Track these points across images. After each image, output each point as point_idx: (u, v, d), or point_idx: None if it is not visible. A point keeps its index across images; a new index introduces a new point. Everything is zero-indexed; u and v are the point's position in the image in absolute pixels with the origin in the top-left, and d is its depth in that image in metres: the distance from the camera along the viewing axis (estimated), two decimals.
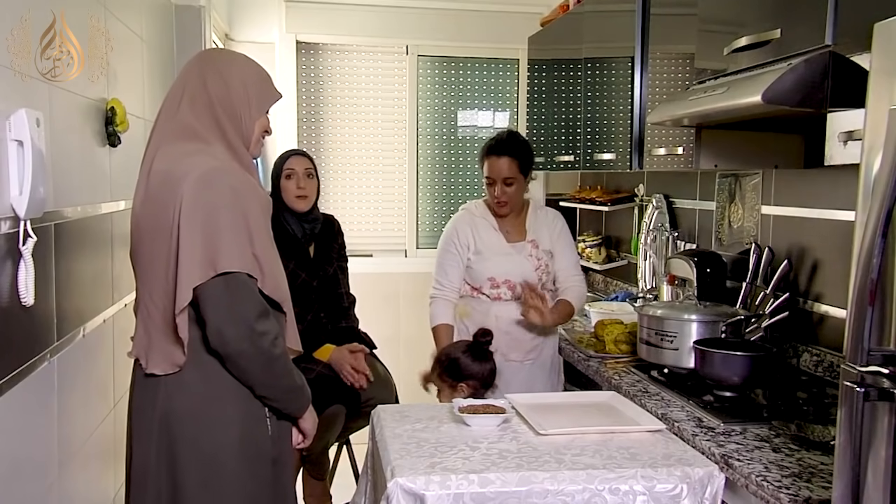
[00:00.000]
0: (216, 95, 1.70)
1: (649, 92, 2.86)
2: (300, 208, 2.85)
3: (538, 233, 2.79)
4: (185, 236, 1.56)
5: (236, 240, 1.59)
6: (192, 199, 1.57)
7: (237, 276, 1.58)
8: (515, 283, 2.72)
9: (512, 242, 2.77)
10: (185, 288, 1.56)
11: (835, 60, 1.68)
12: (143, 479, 1.67)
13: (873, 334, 1.17)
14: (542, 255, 2.77)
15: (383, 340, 3.32)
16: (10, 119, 1.59)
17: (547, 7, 4.34)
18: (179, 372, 1.64)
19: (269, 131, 1.83)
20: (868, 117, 1.20)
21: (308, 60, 4.54)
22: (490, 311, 2.73)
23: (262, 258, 1.64)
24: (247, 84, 1.75)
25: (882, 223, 1.14)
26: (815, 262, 2.34)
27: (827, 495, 1.44)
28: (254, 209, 1.65)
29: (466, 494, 1.55)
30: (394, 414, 1.99)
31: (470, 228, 2.78)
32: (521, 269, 2.73)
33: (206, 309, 1.57)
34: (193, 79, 1.72)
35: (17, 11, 1.67)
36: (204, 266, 1.55)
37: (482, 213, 2.81)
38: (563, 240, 2.82)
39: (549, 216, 2.85)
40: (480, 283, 2.75)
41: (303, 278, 2.85)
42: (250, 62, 1.83)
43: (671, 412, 2.01)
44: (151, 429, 1.66)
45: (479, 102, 4.75)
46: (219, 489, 1.65)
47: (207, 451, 1.64)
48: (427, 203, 4.73)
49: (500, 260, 2.74)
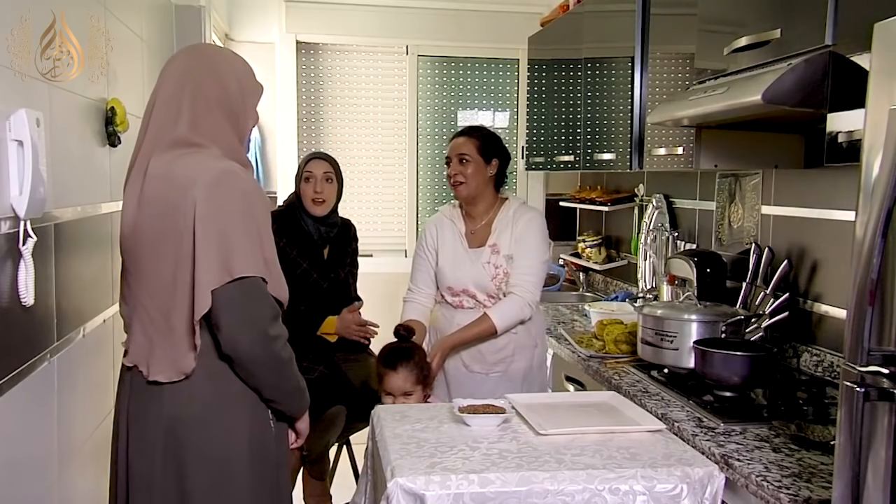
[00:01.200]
0: (214, 96, 1.67)
1: (649, 92, 2.86)
2: (317, 213, 2.86)
3: (501, 236, 2.59)
4: (202, 241, 1.54)
5: (250, 244, 1.58)
6: (207, 202, 1.55)
7: (253, 280, 1.57)
8: (474, 291, 2.57)
9: (473, 248, 2.62)
10: (204, 292, 1.53)
11: (835, 60, 1.68)
12: (148, 489, 1.64)
13: (873, 334, 1.17)
14: (502, 262, 2.56)
15: (383, 340, 3.31)
16: (10, 119, 1.59)
17: (547, 7, 4.34)
18: (186, 378, 1.61)
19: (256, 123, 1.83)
20: (868, 117, 1.20)
21: (308, 60, 4.54)
22: (454, 319, 2.60)
23: (269, 260, 1.64)
24: (240, 80, 1.72)
25: (882, 223, 1.14)
26: (815, 262, 2.34)
27: (827, 495, 1.44)
28: (262, 212, 1.64)
29: (466, 494, 1.55)
30: (394, 414, 1.99)
31: (437, 230, 2.68)
32: (478, 278, 2.57)
33: (220, 314, 1.55)
34: (186, 78, 1.68)
35: (17, 11, 1.67)
36: (220, 271, 1.54)
37: (451, 215, 2.70)
38: (524, 241, 2.56)
39: (520, 216, 2.61)
40: (443, 290, 2.65)
41: (314, 278, 2.86)
42: (237, 57, 1.82)
43: (671, 412, 2.01)
44: (156, 437, 1.63)
45: (479, 102, 4.75)
46: (229, 495, 1.64)
47: (217, 458, 1.62)
48: (427, 203, 4.73)
49: (457, 268, 2.60)
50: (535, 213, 2.69)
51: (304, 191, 2.86)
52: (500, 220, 2.62)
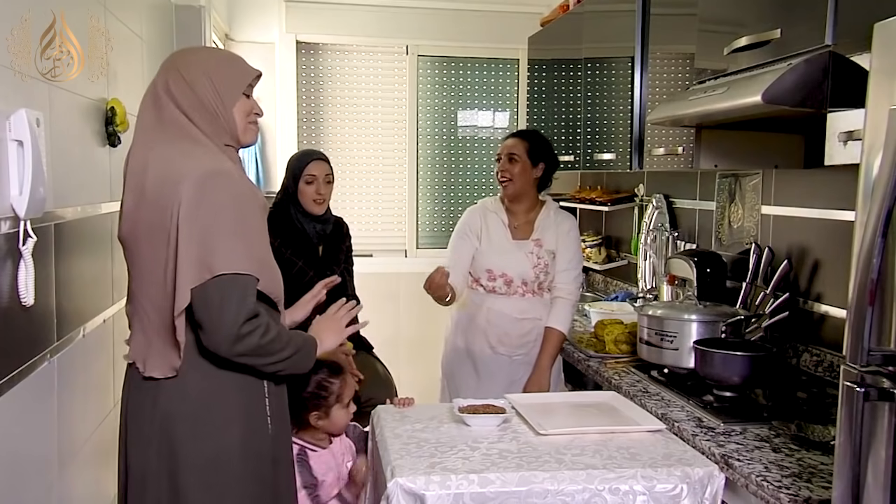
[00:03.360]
0: (183, 98, 1.65)
1: (649, 92, 2.86)
2: (317, 212, 2.89)
3: (545, 233, 2.79)
4: (184, 238, 1.55)
5: (234, 241, 1.57)
6: (191, 201, 1.55)
7: (234, 278, 1.56)
8: (512, 277, 2.73)
9: (517, 239, 2.78)
10: (183, 290, 1.54)
11: (835, 60, 1.68)
12: (143, 485, 1.65)
13: (873, 334, 1.17)
14: (544, 255, 2.76)
15: (383, 340, 3.32)
16: (10, 119, 1.59)
17: (547, 7, 4.34)
18: (179, 374, 1.62)
19: (258, 112, 1.75)
20: (868, 117, 1.20)
21: (308, 60, 4.54)
22: (483, 303, 2.76)
23: (261, 258, 1.64)
24: (210, 74, 1.67)
25: (882, 223, 1.14)
26: (815, 262, 2.34)
27: (827, 495, 1.44)
28: (252, 210, 1.64)
29: (466, 494, 1.55)
30: (394, 414, 1.99)
31: (481, 219, 2.83)
32: (520, 266, 2.74)
33: (198, 312, 1.56)
34: (159, 86, 1.67)
35: (17, 11, 1.67)
36: (200, 268, 1.54)
37: (495, 208, 2.85)
38: (567, 242, 2.80)
39: (560, 219, 2.84)
40: (479, 273, 2.77)
41: (310, 276, 2.86)
42: (212, 51, 1.80)
43: (671, 412, 2.01)
44: (151, 432, 1.64)
45: (479, 102, 4.75)
46: (221, 491, 1.64)
47: (209, 454, 1.63)
48: (427, 203, 4.73)
49: (500, 253, 2.76)
50: (573, 220, 2.90)
51: (305, 191, 2.87)
52: (542, 220, 2.81)
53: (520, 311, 2.73)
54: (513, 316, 2.73)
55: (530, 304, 2.74)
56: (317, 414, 2.07)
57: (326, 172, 2.90)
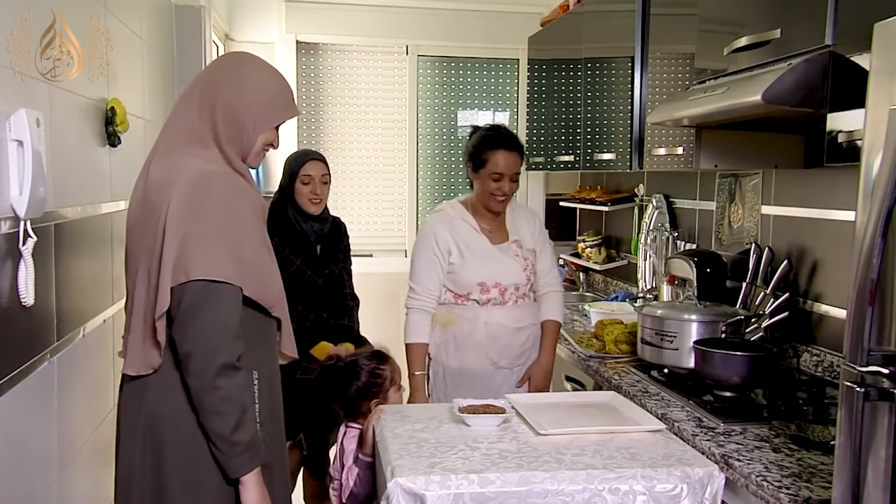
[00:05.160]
0: (223, 98, 1.66)
1: (649, 92, 2.86)
2: (313, 212, 2.89)
3: (520, 232, 2.64)
4: (168, 239, 1.54)
5: (215, 246, 1.55)
6: (178, 202, 1.55)
7: (208, 285, 1.54)
8: (506, 285, 2.57)
9: (496, 244, 2.61)
10: (164, 291, 1.53)
11: (835, 60, 1.68)
12: (128, 483, 1.64)
13: (873, 334, 1.17)
14: (528, 255, 2.63)
15: (383, 340, 3.29)
16: (10, 119, 1.59)
17: (547, 7, 4.34)
18: (165, 373, 1.60)
19: (274, 145, 1.76)
20: (868, 117, 1.20)
21: (308, 60, 4.54)
22: (479, 317, 2.56)
23: (250, 263, 1.61)
24: (259, 93, 1.68)
25: (882, 223, 1.14)
26: (815, 262, 2.34)
27: (827, 495, 1.44)
28: (244, 213, 1.62)
29: (466, 494, 1.55)
30: (394, 414, 1.99)
31: (449, 232, 2.58)
32: (511, 272, 2.58)
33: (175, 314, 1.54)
34: (209, 77, 1.70)
35: (17, 11, 1.67)
36: (177, 271, 1.53)
37: (461, 215, 2.62)
38: (543, 240, 2.69)
39: (526, 214, 2.73)
40: (469, 288, 2.57)
41: (308, 276, 2.86)
42: (275, 74, 1.75)
43: (671, 412, 2.01)
44: (137, 430, 1.63)
45: (479, 102, 4.75)
46: (199, 493, 1.61)
47: (190, 453, 1.60)
48: (427, 203, 4.73)
49: (487, 262, 2.57)
50: (535, 212, 2.80)
51: (302, 192, 2.87)
52: (511, 219, 2.67)
53: (516, 319, 2.59)
54: (511, 326, 2.58)
55: (523, 310, 2.61)
56: (376, 401, 2.08)
57: (323, 173, 2.90)
